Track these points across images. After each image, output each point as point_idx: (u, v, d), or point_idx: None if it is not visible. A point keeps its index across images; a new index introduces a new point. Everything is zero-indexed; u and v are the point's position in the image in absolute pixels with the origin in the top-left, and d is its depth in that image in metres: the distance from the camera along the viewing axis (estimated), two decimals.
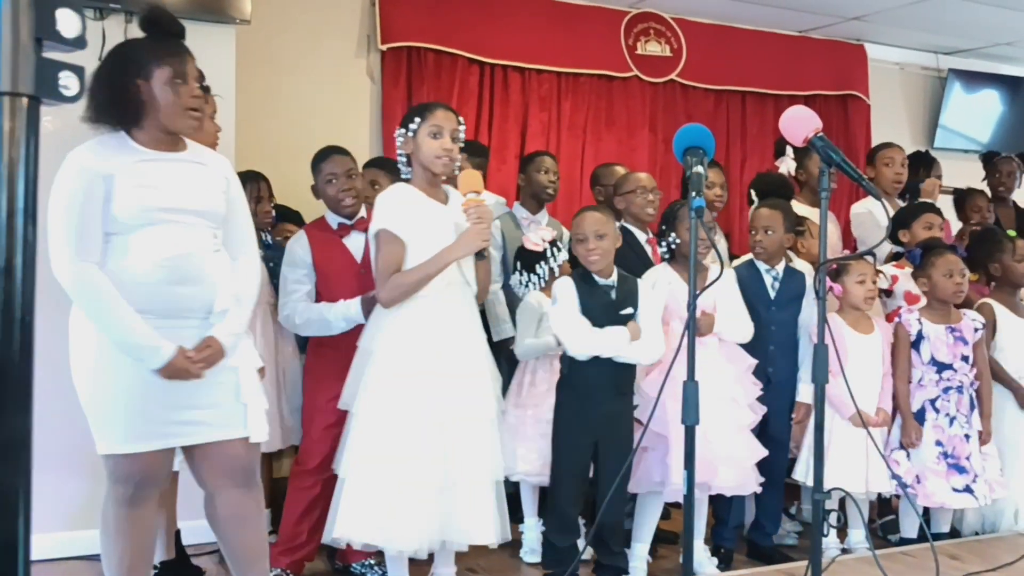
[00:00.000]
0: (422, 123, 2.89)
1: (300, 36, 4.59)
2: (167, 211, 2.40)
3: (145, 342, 2.34)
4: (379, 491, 2.76)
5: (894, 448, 3.70)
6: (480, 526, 2.86)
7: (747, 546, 3.80)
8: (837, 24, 5.58)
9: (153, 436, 2.43)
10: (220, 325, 2.47)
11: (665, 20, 5.39)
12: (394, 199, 2.90)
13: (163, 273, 2.39)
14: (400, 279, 2.84)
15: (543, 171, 4.25)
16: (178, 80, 2.41)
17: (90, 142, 2.44)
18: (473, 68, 4.95)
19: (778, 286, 3.68)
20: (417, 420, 2.79)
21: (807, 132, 2.25)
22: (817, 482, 2.14)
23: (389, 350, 2.83)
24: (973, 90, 6.32)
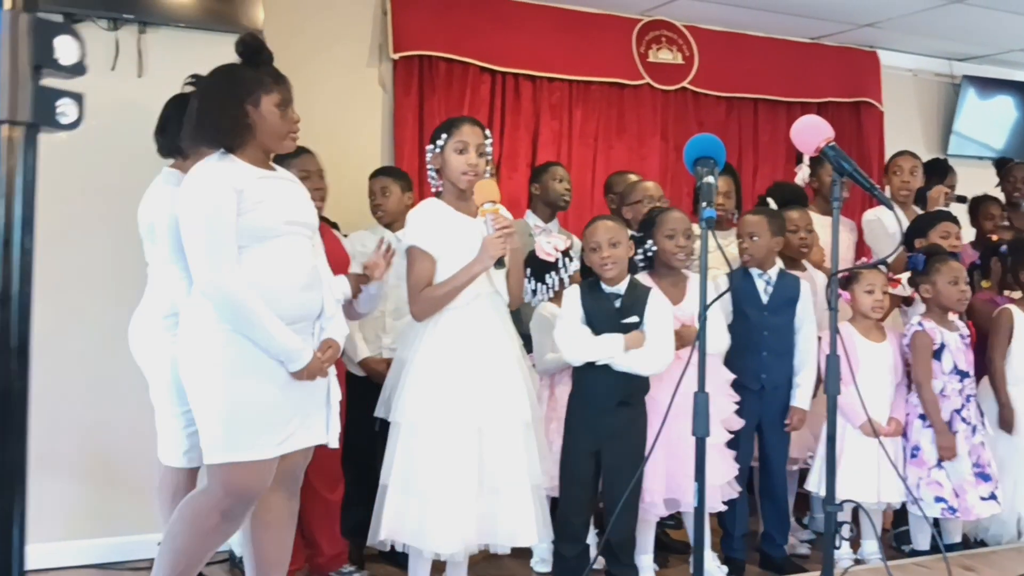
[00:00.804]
0: (448, 139, 2.98)
1: (311, 45, 4.60)
2: (289, 224, 2.58)
3: (293, 346, 2.50)
4: (420, 495, 2.84)
5: (931, 467, 3.65)
6: (523, 527, 2.94)
7: (759, 557, 3.78)
8: (850, 31, 5.56)
9: (273, 443, 2.51)
10: (332, 327, 2.66)
11: (677, 28, 5.38)
12: (424, 215, 2.99)
13: (294, 281, 2.55)
14: (430, 293, 2.94)
15: (558, 180, 4.25)
16: (284, 106, 2.58)
17: (209, 161, 2.56)
18: (484, 76, 4.95)
19: (771, 291, 3.66)
20: (455, 426, 2.86)
21: (819, 142, 2.24)
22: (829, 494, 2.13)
23: (426, 360, 2.92)
24: (987, 96, 6.29)
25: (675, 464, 3.27)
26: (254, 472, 2.50)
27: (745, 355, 3.54)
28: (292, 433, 2.56)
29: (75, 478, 3.61)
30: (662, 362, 3.21)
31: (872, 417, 3.55)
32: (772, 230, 3.63)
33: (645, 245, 3.45)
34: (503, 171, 4.92)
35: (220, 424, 2.49)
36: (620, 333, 3.17)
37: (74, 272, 3.60)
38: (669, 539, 3.94)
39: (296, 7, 4.56)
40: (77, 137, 3.70)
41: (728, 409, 3.47)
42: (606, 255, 3.20)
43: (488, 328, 2.98)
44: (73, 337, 3.61)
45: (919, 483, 3.63)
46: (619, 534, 3.25)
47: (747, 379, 3.57)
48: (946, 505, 3.59)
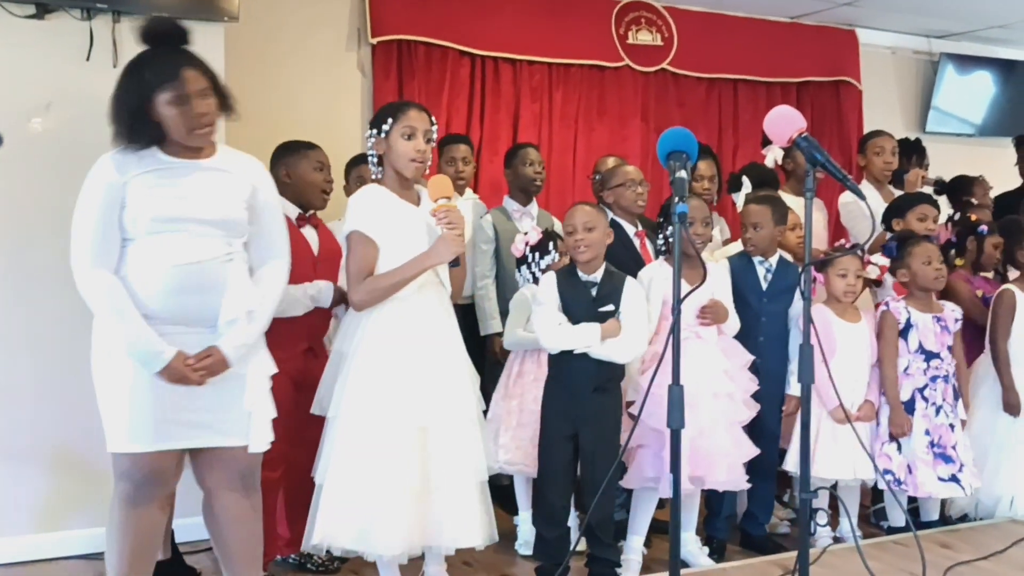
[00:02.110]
0: (394, 124, 2.85)
1: (290, 32, 4.58)
2: (175, 220, 2.48)
3: (146, 346, 2.43)
4: (359, 496, 2.74)
5: (884, 441, 3.71)
6: (466, 529, 2.85)
7: (740, 536, 3.84)
8: (828, 10, 5.56)
9: (157, 437, 2.49)
10: (227, 335, 2.52)
11: (656, 9, 5.37)
12: (366, 201, 2.87)
13: (169, 280, 2.47)
14: (374, 283, 2.82)
15: (528, 164, 4.28)
16: (179, 103, 2.47)
17: (108, 154, 2.53)
18: (464, 60, 4.94)
19: (770, 278, 3.70)
20: (397, 423, 2.77)
21: (791, 132, 2.26)
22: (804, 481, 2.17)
23: (366, 353, 2.81)
24: (966, 73, 6.31)
25: (703, 442, 3.33)
26: (141, 462, 2.50)
27: (744, 341, 3.60)
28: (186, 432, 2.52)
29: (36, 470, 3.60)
30: (638, 350, 3.27)
31: (849, 397, 3.62)
32: (775, 219, 3.67)
33: (665, 232, 3.48)
34: (484, 155, 4.93)
35: (107, 415, 2.52)
36: (597, 322, 3.19)
37: (42, 264, 3.56)
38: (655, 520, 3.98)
39: None
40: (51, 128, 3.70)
41: (749, 390, 3.52)
42: (579, 238, 3.21)
43: (432, 320, 2.89)
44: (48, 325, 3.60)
45: (875, 455, 3.70)
46: (598, 516, 3.29)
47: None
48: (893, 477, 3.64)
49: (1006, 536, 3.55)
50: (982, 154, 6.09)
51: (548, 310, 3.21)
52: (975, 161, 5.76)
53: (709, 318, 3.42)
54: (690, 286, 2.48)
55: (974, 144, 6.36)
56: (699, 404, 3.30)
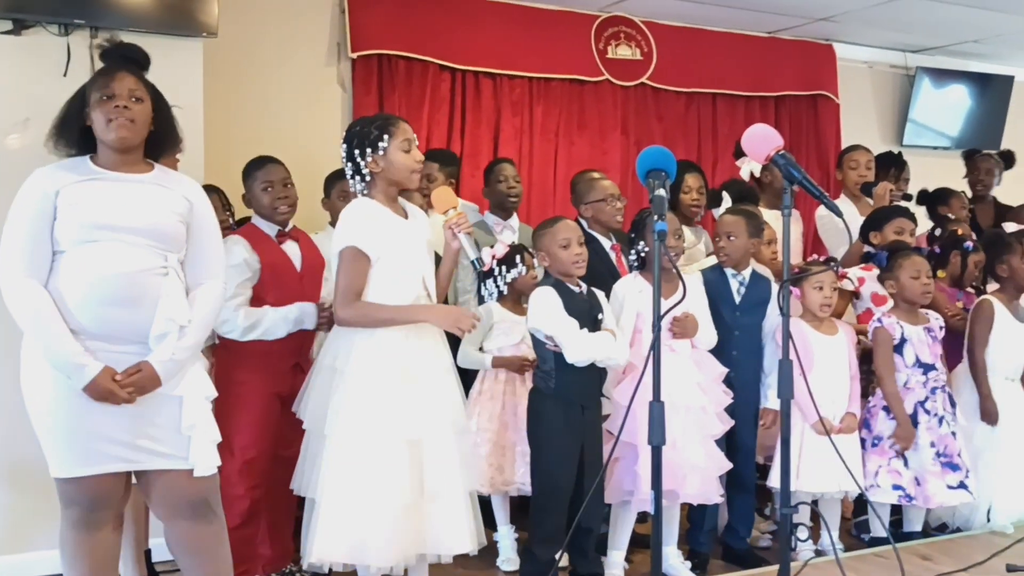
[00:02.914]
0: (391, 139, 2.85)
1: (269, 47, 4.57)
2: (105, 228, 2.41)
3: (70, 359, 2.34)
4: (356, 511, 2.74)
5: (890, 456, 3.72)
6: (458, 536, 2.87)
7: (722, 549, 3.84)
8: (806, 25, 5.62)
9: (96, 461, 2.41)
10: (156, 351, 2.43)
11: (635, 24, 5.40)
12: (360, 215, 2.85)
13: (96, 292, 2.39)
14: (367, 310, 2.81)
15: (502, 180, 4.29)
16: (104, 96, 2.45)
17: (50, 164, 2.51)
18: (444, 75, 4.95)
19: (744, 291, 3.71)
20: (393, 438, 2.78)
21: (769, 150, 2.28)
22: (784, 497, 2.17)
23: (361, 371, 2.80)
24: (942, 86, 6.39)
25: (675, 455, 3.32)
26: (83, 486, 2.43)
27: (717, 354, 3.60)
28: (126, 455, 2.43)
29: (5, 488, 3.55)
30: (628, 355, 3.31)
31: (830, 409, 3.64)
32: (750, 231, 3.68)
33: (638, 246, 3.49)
34: (465, 169, 4.92)
35: (44, 440, 2.44)
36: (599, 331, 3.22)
37: None
38: (635, 533, 3.99)
39: (253, 8, 4.53)
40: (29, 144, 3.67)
41: (722, 403, 3.52)
42: (578, 252, 3.23)
43: (424, 336, 2.89)
44: None
45: (879, 470, 3.71)
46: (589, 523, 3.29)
47: None
48: (903, 493, 3.66)
49: (986, 548, 3.56)
50: (959, 166, 6.13)
51: (571, 322, 3.18)
52: (952, 173, 5.81)
53: (678, 330, 3.42)
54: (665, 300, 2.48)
55: (951, 156, 6.39)
56: (671, 417, 3.26)
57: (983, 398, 3.91)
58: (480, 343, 3.66)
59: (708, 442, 3.45)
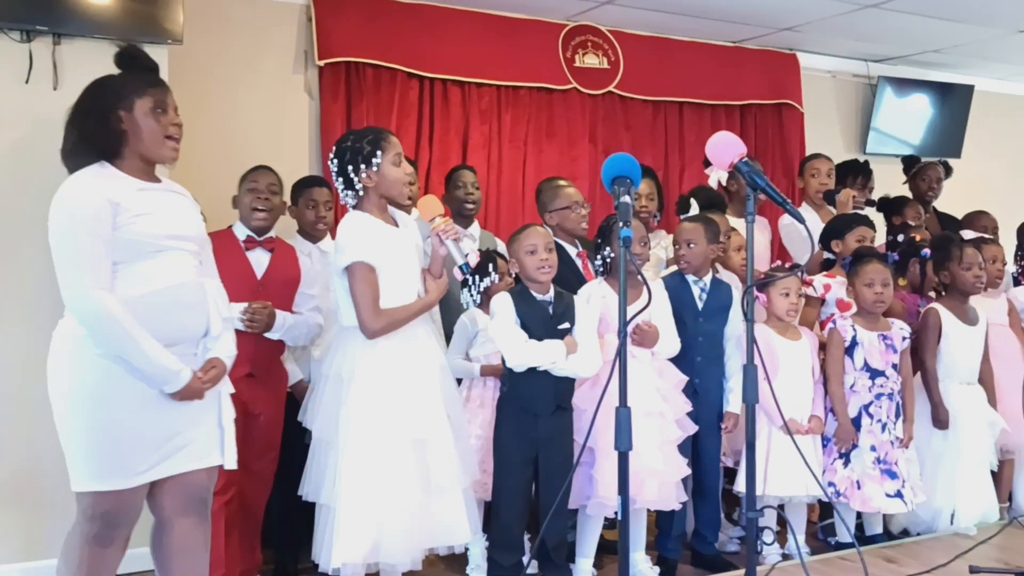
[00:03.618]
0: (384, 155, 2.95)
1: (235, 54, 4.54)
2: (170, 238, 2.48)
3: (170, 366, 2.41)
4: (373, 513, 2.82)
5: (834, 457, 3.77)
6: (461, 527, 2.99)
7: (691, 554, 3.86)
8: (770, 34, 5.68)
9: (134, 472, 2.42)
10: (218, 348, 2.56)
11: (602, 33, 5.43)
12: (360, 230, 2.94)
13: (174, 299, 2.46)
14: (392, 316, 2.94)
15: (460, 186, 4.31)
16: (159, 109, 2.49)
17: (83, 173, 2.46)
18: (412, 82, 4.95)
19: (705, 297, 3.74)
20: (401, 440, 2.87)
21: (733, 157, 2.30)
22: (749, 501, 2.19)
23: (365, 377, 2.89)
24: (903, 95, 6.49)
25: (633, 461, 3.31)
26: (117, 500, 2.42)
27: (680, 360, 3.63)
28: (162, 460, 2.46)
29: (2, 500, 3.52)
30: (596, 365, 3.29)
31: (795, 414, 3.68)
32: (708, 237, 3.71)
33: (603, 252, 3.51)
34: (433, 177, 4.92)
35: (80, 453, 2.41)
36: (557, 339, 3.22)
37: None
38: (604, 540, 4.00)
39: (219, 15, 4.50)
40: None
41: (682, 409, 3.54)
42: (544, 257, 3.24)
43: (422, 339, 3.03)
44: None
45: (824, 470, 3.75)
46: (554, 536, 3.30)
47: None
48: (835, 489, 3.72)
49: (950, 549, 3.62)
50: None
51: (512, 328, 3.21)
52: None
53: (637, 338, 3.43)
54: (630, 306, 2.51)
55: None
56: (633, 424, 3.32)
57: (934, 406, 3.96)
58: (465, 352, 3.67)
59: (666, 447, 3.48)
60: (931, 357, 3.98)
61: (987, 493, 3.99)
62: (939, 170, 5.31)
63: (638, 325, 3.42)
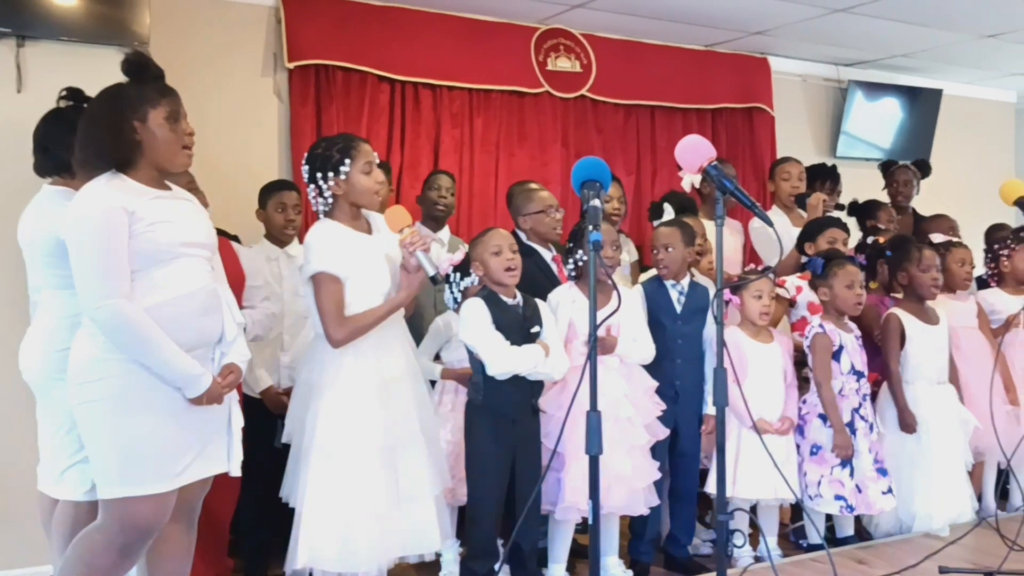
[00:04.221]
0: (353, 163, 2.94)
1: (202, 56, 4.49)
2: (186, 245, 2.50)
3: (192, 371, 2.43)
4: (338, 518, 2.82)
5: (833, 466, 3.77)
6: (432, 534, 2.99)
7: (664, 558, 3.86)
8: (741, 38, 5.71)
9: (177, 472, 2.46)
10: (233, 352, 2.59)
11: (574, 36, 5.43)
12: (327, 239, 2.93)
13: (192, 305, 2.48)
14: (356, 323, 2.92)
15: (434, 189, 4.31)
16: (173, 119, 2.51)
17: (97, 182, 2.47)
18: (383, 86, 4.92)
19: (684, 300, 3.75)
20: (369, 447, 2.87)
21: (701, 161, 2.30)
22: (720, 504, 2.19)
23: (339, 384, 2.90)
24: (874, 99, 6.54)
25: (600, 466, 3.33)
26: (152, 505, 2.44)
27: (660, 363, 3.64)
28: (190, 463, 2.50)
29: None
30: (566, 367, 3.30)
31: (767, 417, 3.69)
32: (685, 241, 3.72)
33: (576, 255, 3.50)
34: (405, 181, 4.90)
35: (114, 458, 2.41)
36: (530, 343, 3.20)
37: None
38: (576, 544, 3.99)
39: (185, 17, 4.45)
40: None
41: (652, 413, 3.54)
42: (510, 258, 3.23)
43: (394, 346, 3.01)
44: None
45: (820, 480, 3.75)
46: (528, 542, 3.28)
47: (662, 386, 3.66)
48: (845, 503, 3.72)
49: (919, 550, 3.64)
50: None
51: (492, 335, 3.18)
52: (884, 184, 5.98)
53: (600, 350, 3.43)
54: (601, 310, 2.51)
55: None
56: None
57: (900, 411, 3.96)
58: (434, 354, 3.67)
59: (635, 453, 3.47)
60: (895, 362, 4.01)
61: (962, 493, 4.01)
62: (908, 172, 5.35)
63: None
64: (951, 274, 4.24)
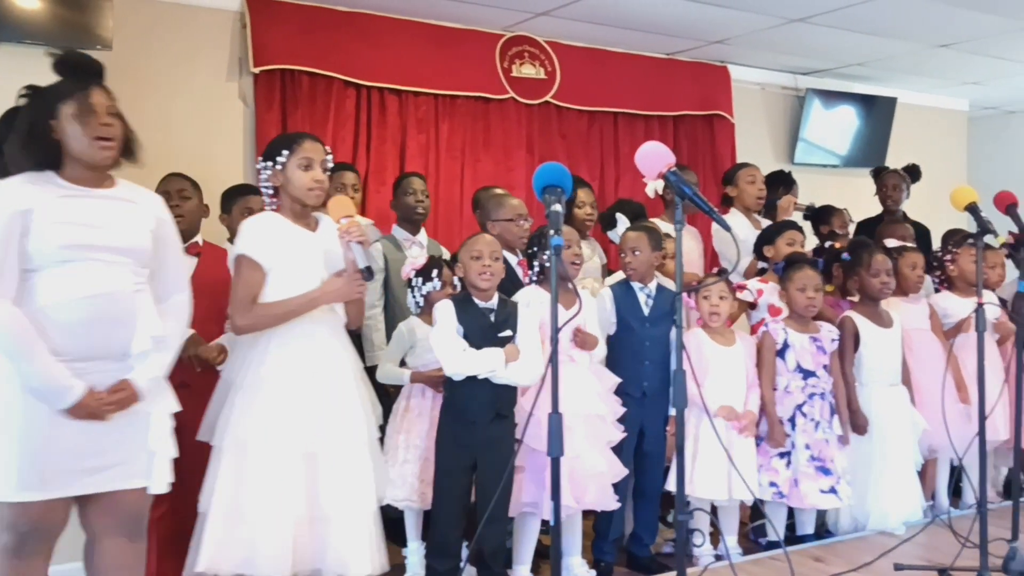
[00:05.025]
0: (291, 155, 2.88)
1: (167, 60, 4.48)
2: (87, 248, 2.40)
3: (55, 382, 2.32)
4: (246, 522, 2.72)
5: (772, 456, 3.86)
6: (357, 557, 2.82)
7: (627, 557, 3.92)
8: (702, 47, 5.81)
9: (52, 485, 2.37)
10: (139, 368, 2.46)
11: (539, 43, 5.49)
12: (257, 226, 2.89)
13: (81, 312, 2.37)
14: (262, 311, 2.82)
15: (410, 193, 4.33)
16: (84, 112, 2.41)
17: (14, 177, 2.42)
18: (349, 91, 4.93)
19: (651, 303, 3.82)
20: (285, 450, 2.76)
21: (661, 167, 2.35)
22: (680, 503, 2.24)
23: (255, 382, 2.81)
24: (831, 107, 6.67)
25: (578, 465, 3.40)
26: (31, 512, 2.37)
27: (629, 364, 3.70)
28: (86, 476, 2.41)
29: None
30: (537, 373, 3.28)
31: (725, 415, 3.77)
32: (652, 245, 3.79)
33: (541, 258, 3.55)
34: (370, 186, 4.92)
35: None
36: (497, 347, 3.24)
37: None
38: (541, 545, 4.03)
39: (149, 20, 4.43)
40: None
41: (616, 412, 3.61)
42: (488, 264, 3.26)
43: (323, 347, 2.89)
44: None
45: (760, 468, 3.85)
46: (491, 543, 3.32)
47: (630, 387, 3.74)
48: (776, 490, 3.81)
49: (875, 548, 3.73)
50: (847, 184, 6.45)
51: (450, 336, 3.21)
52: (841, 190, 6.11)
53: (580, 341, 3.52)
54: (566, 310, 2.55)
55: (839, 174, 6.73)
56: (575, 427, 3.39)
57: (852, 412, 4.06)
58: (400, 359, 3.67)
59: (606, 450, 3.54)
60: (849, 364, 4.11)
61: (913, 493, 4.11)
62: (897, 177, 5.42)
63: (579, 329, 3.48)
64: (903, 277, 4.35)
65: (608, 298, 3.82)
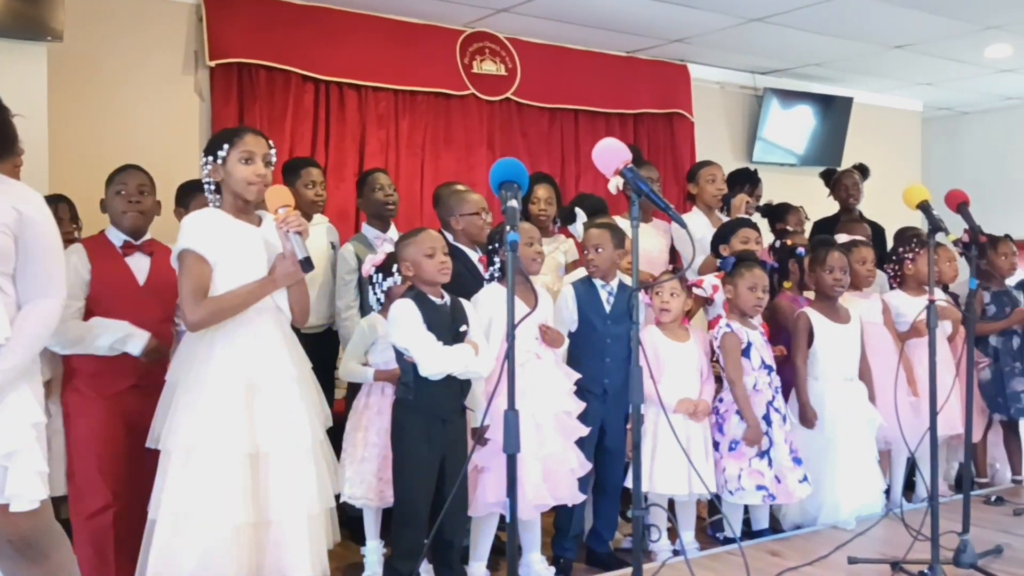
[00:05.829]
0: (231, 149, 2.80)
1: (121, 53, 4.41)
2: None
3: None
4: (194, 528, 2.66)
5: (751, 458, 3.88)
6: (297, 561, 2.77)
7: (586, 553, 3.93)
8: (661, 46, 5.84)
9: None
10: None
11: (499, 40, 5.49)
12: (199, 221, 2.81)
13: None
14: (215, 304, 2.75)
15: (378, 189, 4.26)
16: None
17: None
18: (308, 86, 4.90)
19: (613, 301, 3.83)
20: (227, 453, 2.70)
21: (617, 164, 2.34)
22: (636, 499, 2.25)
23: (197, 383, 2.74)
24: (788, 107, 6.75)
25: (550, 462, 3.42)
26: None
27: (590, 361, 3.71)
28: None
29: None
30: (491, 365, 3.30)
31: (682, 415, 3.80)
32: (614, 242, 3.80)
33: (501, 254, 3.53)
34: (330, 182, 4.87)
35: None
36: (459, 343, 3.22)
37: None
38: (499, 541, 4.02)
39: (103, 12, 4.36)
40: None
41: (578, 408, 3.61)
42: (443, 260, 3.24)
43: (268, 347, 2.82)
44: None
45: (741, 473, 3.87)
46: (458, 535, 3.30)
47: (591, 384, 3.74)
48: (767, 492, 3.84)
49: (830, 542, 3.76)
50: (804, 182, 6.51)
51: (425, 335, 3.15)
52: (798, 188, 6.17)
53: (548, 338, 3.53)
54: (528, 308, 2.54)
55: (797, 172, 6.81)
56: (546, 424, 3.39)
57: (801, 405, 4.10)
58: (362, 356, 3.64)
59: (574, 445, 3.55)
60: (801, 359, 4.15)
61: (872, 486, 4.17)
62: (854, 175, 5.49)
63: (544, 326, 3.48)
64: (854, 272, 4.40)
65: (570, 295, 3.82)
